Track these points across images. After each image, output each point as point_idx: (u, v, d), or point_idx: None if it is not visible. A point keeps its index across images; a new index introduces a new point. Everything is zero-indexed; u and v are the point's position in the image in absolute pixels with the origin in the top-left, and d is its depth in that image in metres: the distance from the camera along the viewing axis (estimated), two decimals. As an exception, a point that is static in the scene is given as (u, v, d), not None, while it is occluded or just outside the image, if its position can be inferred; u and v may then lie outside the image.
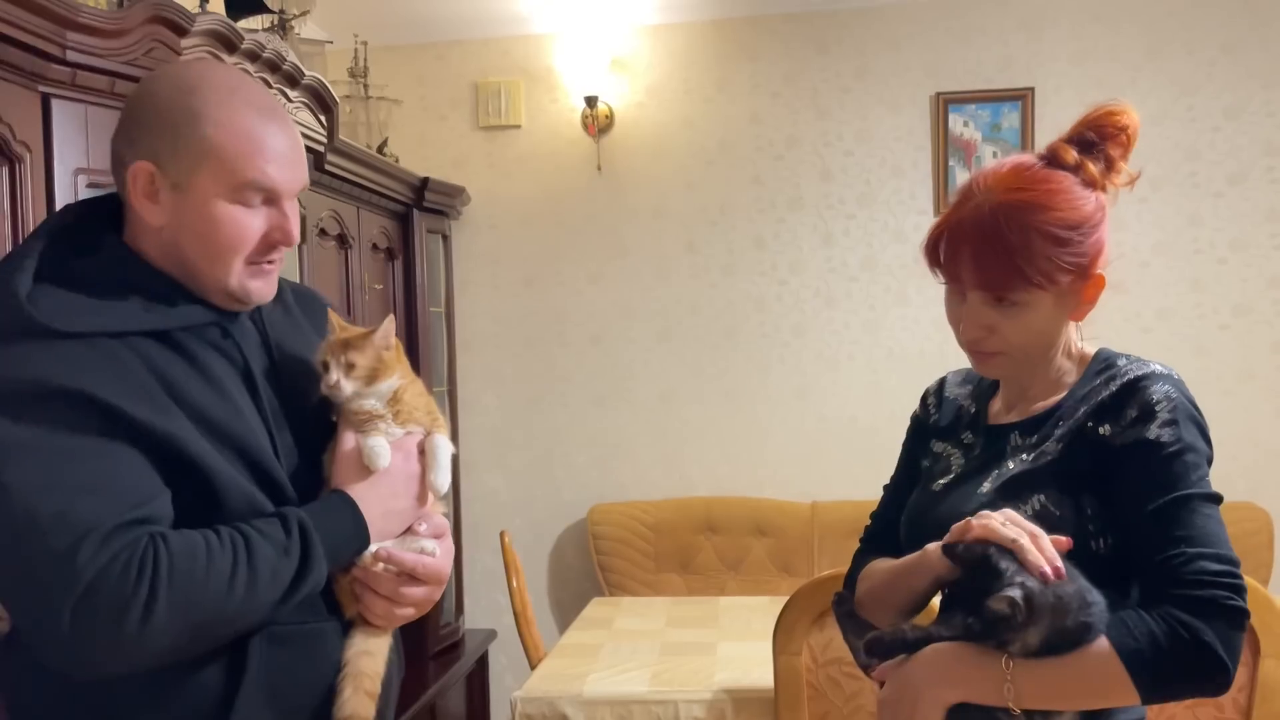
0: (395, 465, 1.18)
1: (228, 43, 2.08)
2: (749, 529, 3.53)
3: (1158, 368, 1.18)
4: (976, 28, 3.49)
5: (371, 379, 1.19)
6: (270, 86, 2.28)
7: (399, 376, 1.22)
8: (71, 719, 1.07)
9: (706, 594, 3.42)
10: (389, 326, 1.21)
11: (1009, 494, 1.18)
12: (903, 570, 1.23)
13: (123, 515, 1.00)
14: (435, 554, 1.18)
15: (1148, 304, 3.44)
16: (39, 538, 0.97)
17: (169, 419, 1.05)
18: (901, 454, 1.43)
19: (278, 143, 1.13)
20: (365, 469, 1.16)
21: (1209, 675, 1.06)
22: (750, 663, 2.35)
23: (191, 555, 1.01)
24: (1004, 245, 1.15)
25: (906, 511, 1.34)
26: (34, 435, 1.00)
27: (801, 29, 3.57)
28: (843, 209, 3.58)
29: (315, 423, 1.20)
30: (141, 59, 1.83)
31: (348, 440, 1.18)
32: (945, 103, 3.49)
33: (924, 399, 1.43)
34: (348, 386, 1.17)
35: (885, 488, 1.45)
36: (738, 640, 2.60)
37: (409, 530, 1.19)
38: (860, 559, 1.40)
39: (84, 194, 1.79)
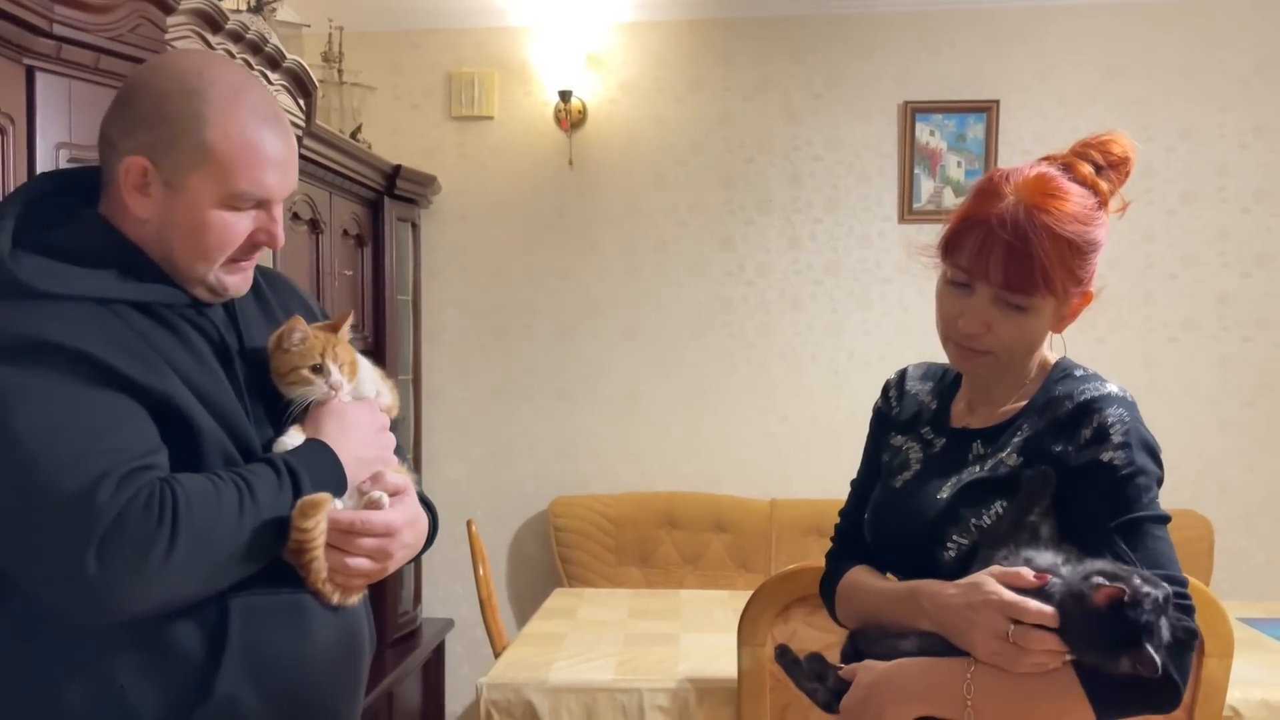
0: (363, 418, 1.21)
1: (212, 23, 2.08)
2: (709, 525, 3.57)
3: (1113, 389, 1.20)
4: (945, 40, 3.57)
5: (352, 374, 1.22)
6: (251, 68, 2.28)
7: (360, 364, 1.25)
8: (59, 695, 1.06)
9: (665, 588, 3.46)
10: (349, 320, 1.25)
11: (967, 500, 1.21)
12: (888, 601, 1.25)
13: (135, 460, 1.02)
14: (384, 503, 1.17)
15: (1101, 315, 3.50)
16: (55, 481, 0.98)
17: (163, 380, 1.07)
18: (865, 449, 1.45)
19: (276, 151, 1.13)
20: (333, 422, 1.18)
21: (1165, 699, 1.10)
22: (713, 654, 2.38)
23: (203, 494, 1.03)
24: (1035, 248, 1.16)
25: (870, 508, 1.36)
26: (38, 384, 1.01)
27: (775, 34, 3.62)
28: (810, 213, 3.64)
29: (277, 400, 1.21)
30: (127, 35, 1.82)
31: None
32: (913, 112, 3.56)
33: (885, 391, 1.45)
34: (347, 386, 1.20)
35: (852, 483, 1.46)
36: (700, 632, 2.64)
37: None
38: (835, 562, 1.42)
39: (66, 168, 1.78)
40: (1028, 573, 1.11)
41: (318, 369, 1.18)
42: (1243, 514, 3.52)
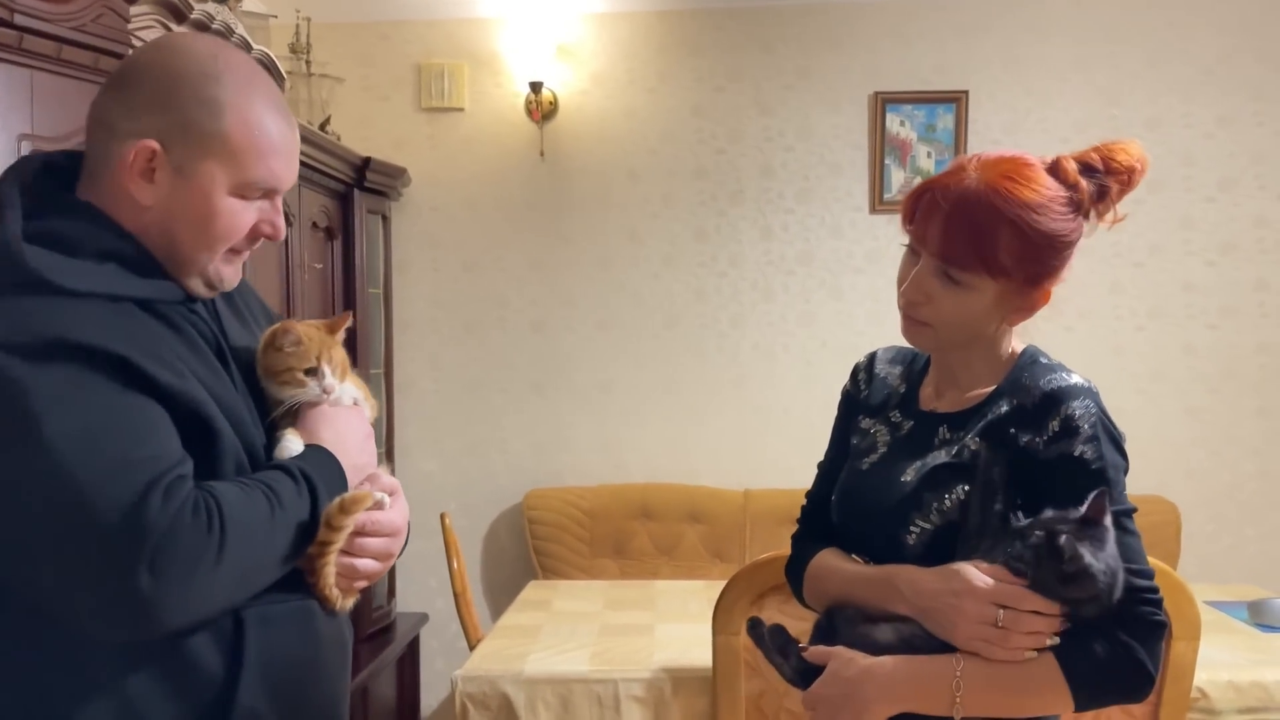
0: (354, 425, 1.20)
1: (177, 12, 2.05)
2: (683, 515, 3.58)
3: (1078, 380, 1.20)
4: (915, 31, 3.58)
5: (343, 377, 1.21)
6: (217, 59, 2.25)
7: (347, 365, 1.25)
8: (71, 702, 1.02)
9: (640, 579, 3.46)
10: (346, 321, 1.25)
11: (932, 484, 1.22)
12: (861, 583, 1.26)
13: (176, 468, 0.98)
14: (385, 504, 1.17)
15: (1070, 303, 3.58)
16: (98, 493, 0.92)
17: (186, 383, 1.04)
18: (833, 431, 1.45)
19: (286, 140, 1.12)
20: (328, 428, 1.16)
21: (1139, 688, 1.14)
22: (688, 643, 2.39)
23: (238, 502, 1.01)
24: (973, 223, 1.17)
25: (837, 490, 1.36)
26: (68, 389, 0.95)
27: (745, 25, 3.62)
28: (782, 204, 3.65)
29: (262, 401, 1.19)
30: (90, 25, 1.80)
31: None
32: (883, 103, 3.57)
33: (854, 374, 1.45)
34: (338, 389, 1.19)
35: (819, 465, 1.46)
36: (675, 622, 2.65)
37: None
38: (801, 545, 1.42)
39: (44, 152, 1.75)
40: (1004, 573, 1.14)
41: (312, 371, 1.16)
42: (1208, 499, 3.58)
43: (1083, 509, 1.11)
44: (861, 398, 1.41)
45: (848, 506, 1.33)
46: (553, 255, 3.71)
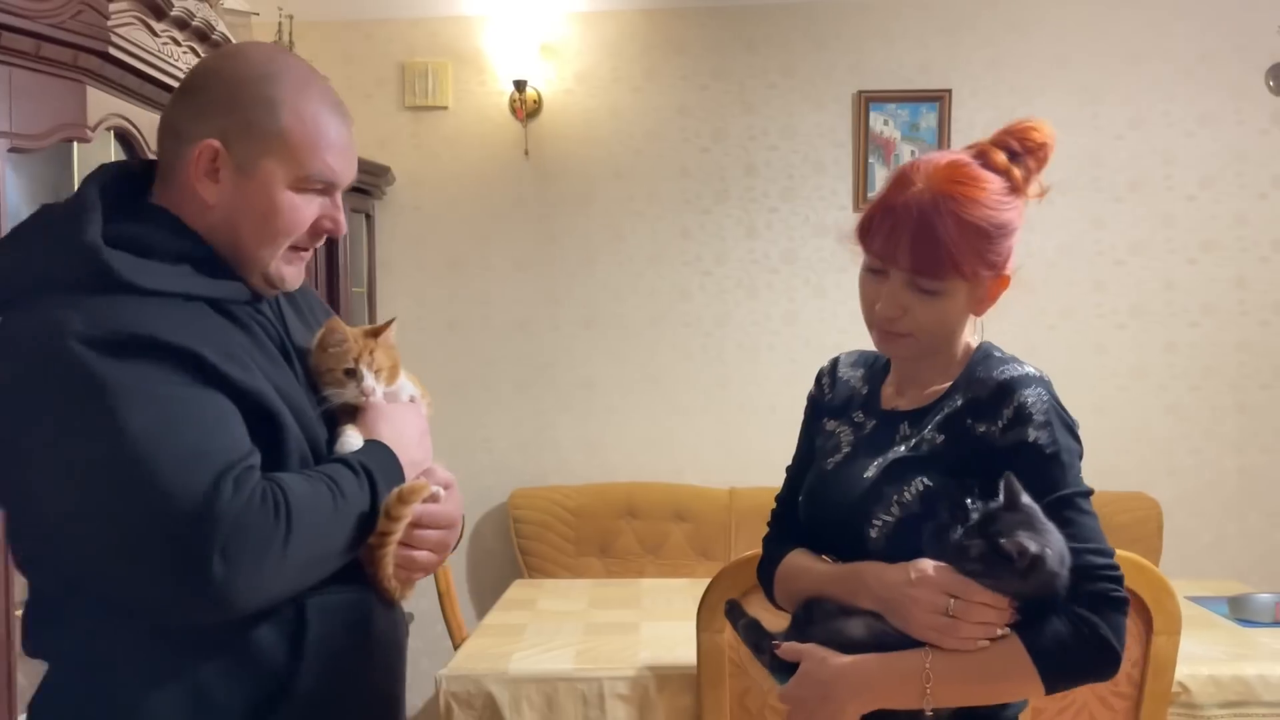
0: (412, 421, 1.25)
1: (156, 9, 2.04)
2: (669, 514, 3.58)
3: (1030, 370, 1.24)
4: (898, 30, 3.60)
5: (392, 378, 1.26)
6: (198, 56, 2.24)
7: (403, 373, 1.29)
8: (142, 700, 1.06)
9: (625, 578, 3.46)
10: (393, 326, 1.30)
11: (893, 477, 1.25)
12: (830, 581, 1.28)
13: (245, 459, 1.02)
14: (441, 496, 1.22)
15: (1053, 302, 3.60)
16: (175, 481, 0.97)
17: (254, 379, 1.08)
18: (800, 434, 1.48)
19: (342, 137, 1.17)
20: (387, 425, 1.21)
21: (1106, 666, 1.16)
22: (673, 641, 2.39)
23: (304, 492, 1.05)
24: (941, 234, 1.21)
25: (803, 491, 1.39)
26: (144, 382, 1.00)
27: (729, 23, 3.63)
28: (766, 203, 3.66)
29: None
30: (69, 22, 1.79)
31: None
32: (867, 101, 3.59)
33: (819, 379, 1.48)
34: (380, 391, 1.23)
35: (787, 469, 1.50)
36: (660, 620, 2.65)
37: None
38: (772, 546, 1.44)
39: (5, 157, 1.74)
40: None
41: (350, 373, 1.21)
42: (1190, 495, 3.60)
43: (1000, 499, 1.14)
44: (826, 401, 1.44)
45: (814, 506, 1.36)
46: (537, 254, 3.70)
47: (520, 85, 3.56)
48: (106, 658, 1.06)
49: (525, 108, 3.62)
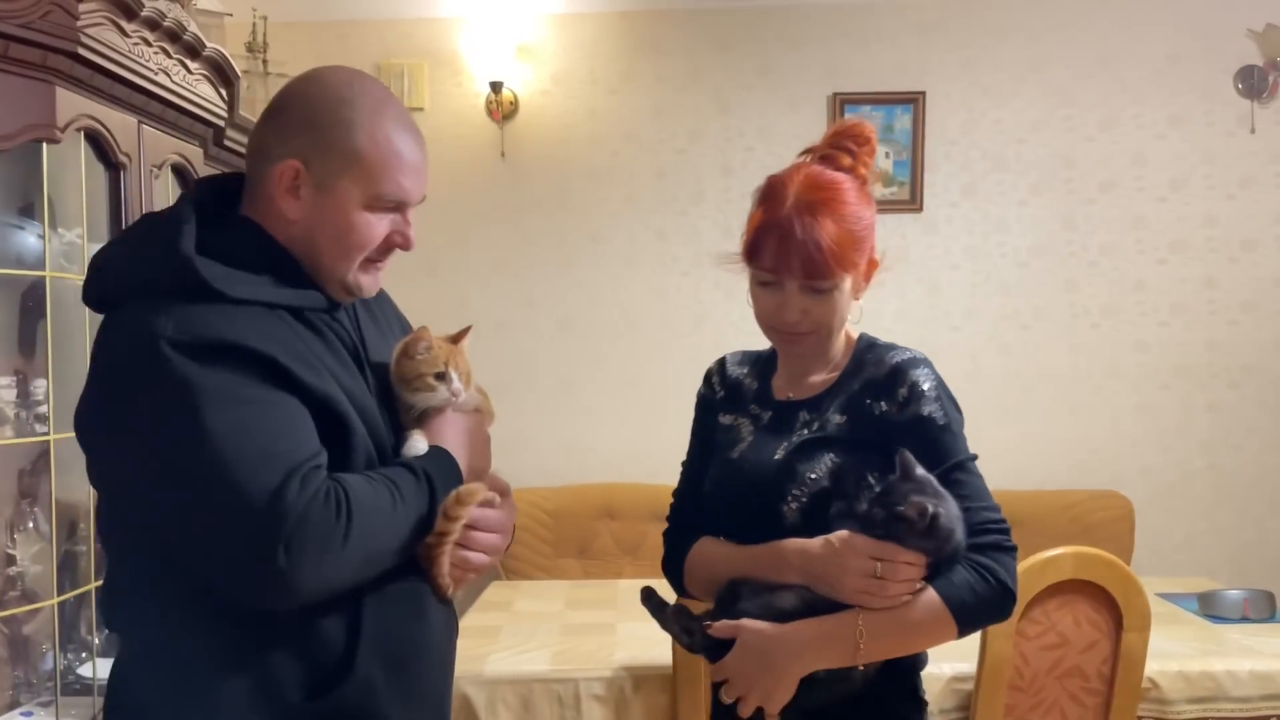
0: (474, 428, 1.32)
1: (127, 10, 2.02)
2: (646, 515, 3.57)
3: (915, 353, 1.39)
4: (873, 32, 3.62)
5: (468, 383, 1.32)
6: (169, 57, 2.22)
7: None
8: (216, 684, 1.13)
9: (604, 579, 3.46)
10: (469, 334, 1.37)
11: (803, 455, 1.36)
12: (750, 562, 1.36)
13: (312, 459, 1.10)
14: (496, 502, 1.28)
15: (1027, 302, 3.63)
16: (248, 478, 1.05)
17: (325, 383, 1.16)
18: (693, 432, 1.58)
19: (414, 157, 1.24)
20: (451, 432, 1.27)
21: (1005, 606, 1.31)
22: (649, 641, 2.39)
23: (366, 493, 1.12)
24: (823, 240, 1.33)
25: (709, 482, 1.48)
26: (225, 384, 1.08)
27: (705, 25, 3.64)
28: (743, 204, 3.59)
29: (393, 403, 1.30)
30: (38, 22, 1.77)
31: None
32: (842, 103, 3.61)
33: (708, 378, 1.58)
34: (464, 394, 1.30)
35: (683, 465, 1.58)
36: (636, 621, 2.64)
37: None
38: (676, 539, 1.52)
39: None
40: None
41: (441, 376, 1.27)
42: (1161, 493, 3.64)
43: (896, 472, 1.28)
44: (717, 398, 1.54)
45: (724, 493, 1.45)
46: (514, 255, 3.70)
47: (496, 86, 3.56)
48: (177, 637, 1.14)
49: (502, 109, 3.61)
